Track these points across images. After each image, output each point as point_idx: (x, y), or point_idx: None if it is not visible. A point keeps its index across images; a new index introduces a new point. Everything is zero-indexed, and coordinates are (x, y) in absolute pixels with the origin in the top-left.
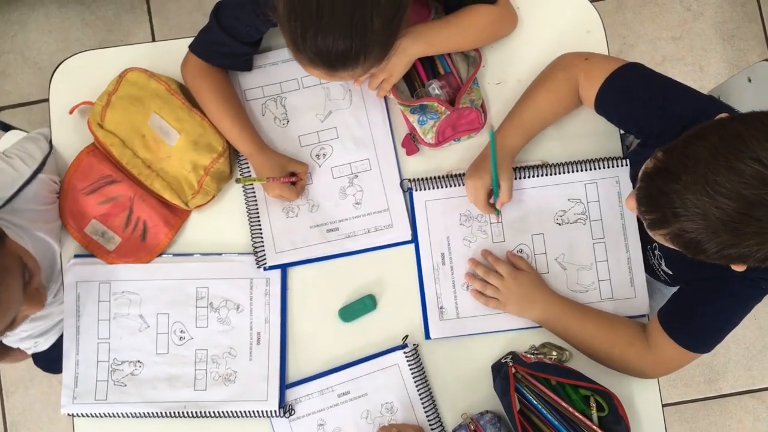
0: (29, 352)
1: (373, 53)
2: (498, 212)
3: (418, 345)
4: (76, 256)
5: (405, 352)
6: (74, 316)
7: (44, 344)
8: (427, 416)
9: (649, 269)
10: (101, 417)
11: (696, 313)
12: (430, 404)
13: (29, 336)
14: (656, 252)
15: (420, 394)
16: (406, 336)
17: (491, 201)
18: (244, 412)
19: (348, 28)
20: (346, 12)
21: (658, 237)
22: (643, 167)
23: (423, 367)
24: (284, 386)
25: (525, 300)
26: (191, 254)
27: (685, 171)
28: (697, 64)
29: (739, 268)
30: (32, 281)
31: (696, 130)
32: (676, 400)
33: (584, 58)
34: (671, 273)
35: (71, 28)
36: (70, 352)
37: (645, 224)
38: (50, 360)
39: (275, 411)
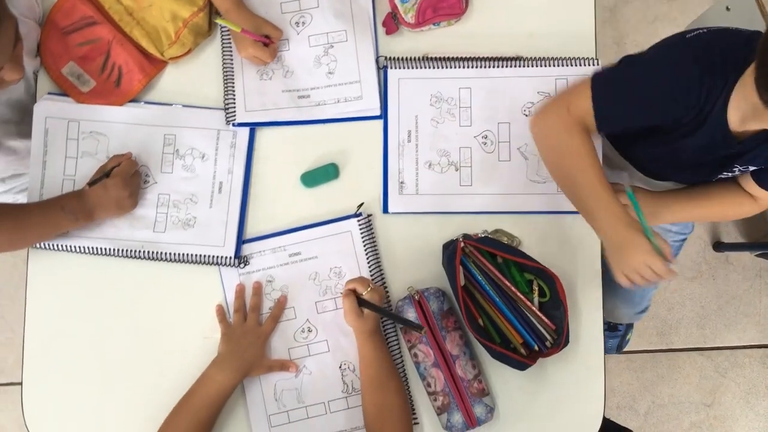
0: None
1: None
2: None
3: (372, 215)
4: (49, 93)
5: (358, 221)
6: (41, 151)
7: (23, 201)
8: None
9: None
10: (59, 250)
11: None
12: (377, 274)
13: (9, 190)
14: (736, 169)
15: (369, 263)
16: (361, 204)
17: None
18: (200, 256)
19: None
20: None
21: None
22: None
23: (374, 237)
24: (241, 237)
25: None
26: (162, 104)
27: None
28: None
29: None
30: (18, 44)
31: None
32: (627, 349)
33: (565, 108)
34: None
35: None
36: (34, 187)
37: None
38: None
39: (230, 258)
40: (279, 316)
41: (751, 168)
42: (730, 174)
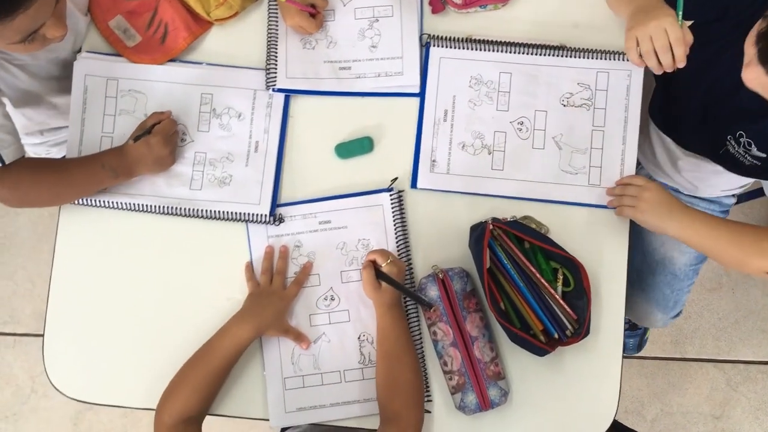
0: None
1: None
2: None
3: (403, 191)
4: (87, 51)
5: (390, 195)
6: (80, 108)
7: (56, 155)
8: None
9: (732, 163)
10: (97, 206)
11: None
12: (404, 249)
13: (44, 143)
14: (742, 139)
15: (397, 238)
16: (395, 179)
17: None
18: (236, 213)
19: None
20: None
21: None
22: (755, 32)
23: (404, 213)
24: (277, 195)
25: (664, 208)
26: (201, 63)
27: None
28: None
29: None
30: (61, 1)
31: None
32: (639, 354)
33: None
34: (765, 156)
35: None
36: (73, 143)
37: None
38: None
39: (266, 216)
40: (303, 281)
41: (755, 151)
42: (737, 147)
